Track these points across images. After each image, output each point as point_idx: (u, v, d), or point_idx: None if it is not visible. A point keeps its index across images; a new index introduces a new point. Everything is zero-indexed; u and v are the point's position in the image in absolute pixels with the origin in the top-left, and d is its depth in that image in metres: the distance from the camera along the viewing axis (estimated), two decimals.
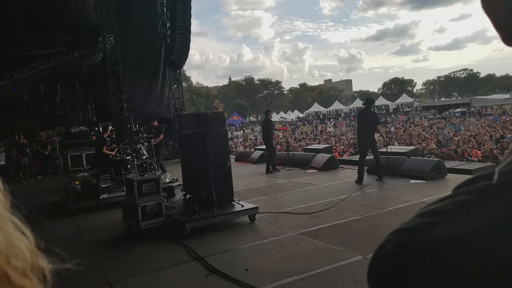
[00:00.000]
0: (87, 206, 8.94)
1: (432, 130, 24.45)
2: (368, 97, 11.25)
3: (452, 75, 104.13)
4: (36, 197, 11.17)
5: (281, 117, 56.09)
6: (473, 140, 16.28)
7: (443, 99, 62.80)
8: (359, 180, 9.74)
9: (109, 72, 16.78)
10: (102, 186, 9.62)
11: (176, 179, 10.19)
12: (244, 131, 44.02)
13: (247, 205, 7.15)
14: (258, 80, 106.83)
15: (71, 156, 17.53)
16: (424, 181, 9.10)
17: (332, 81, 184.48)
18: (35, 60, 18.90)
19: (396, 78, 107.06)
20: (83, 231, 7.44)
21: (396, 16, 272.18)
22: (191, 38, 19.31)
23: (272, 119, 13.45)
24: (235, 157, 16.81)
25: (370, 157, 10.42)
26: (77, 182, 9.58)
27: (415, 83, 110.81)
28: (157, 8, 19.39)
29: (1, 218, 0.50)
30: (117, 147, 10.87)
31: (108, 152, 10.36)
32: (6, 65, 18.10)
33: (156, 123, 13.07)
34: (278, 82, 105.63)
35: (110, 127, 13.17)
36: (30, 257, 0.52)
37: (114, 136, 13.71)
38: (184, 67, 26.72)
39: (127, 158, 9.98)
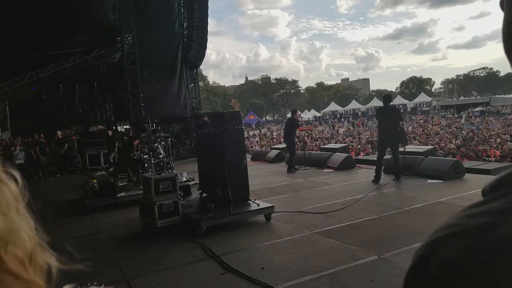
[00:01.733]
0: (104, 204, 9.04)
1: (450, 130, 24.12)
2: (385, 94, 11.05)
3: (472, 74, 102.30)
4: (54, 195, 11.38)
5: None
6: (492, 139, 16.00)
7: (462, 98, 61.70)
8: (376, 180, 9.62)
9: (127, 72, 16.97)
10: (120, 184, 9.73)
11: (193, 178, 10.24)
12: (260, 130, 43.98)
13: (263, 204, 7.13)
14: (274, 79, 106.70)
15: (89, 155, 17.79)
16: (442, 181, 8.94)
17: (349, 80, 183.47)
18: (54, 60, 19.19)
19: (414, 77, 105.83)
20: (100, 228, 7.53)
21: (414, 14, 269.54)
22: (207, 38, 19.38)
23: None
24: (251, 156, 16.82)
25: (387, 156, 10.29)
26: (95, 181, 9.72)
27: (434, 82, 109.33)
28: (175, 8, 19.53)
29: (6, 205, 0.51)
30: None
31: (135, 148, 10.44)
32: (26, 65, 18.43)
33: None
34: (294, 81, 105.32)
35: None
36: (31, 247, 0.52)
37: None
38: (201, 67, 26.85)
39: (145, 157, 10.07)
